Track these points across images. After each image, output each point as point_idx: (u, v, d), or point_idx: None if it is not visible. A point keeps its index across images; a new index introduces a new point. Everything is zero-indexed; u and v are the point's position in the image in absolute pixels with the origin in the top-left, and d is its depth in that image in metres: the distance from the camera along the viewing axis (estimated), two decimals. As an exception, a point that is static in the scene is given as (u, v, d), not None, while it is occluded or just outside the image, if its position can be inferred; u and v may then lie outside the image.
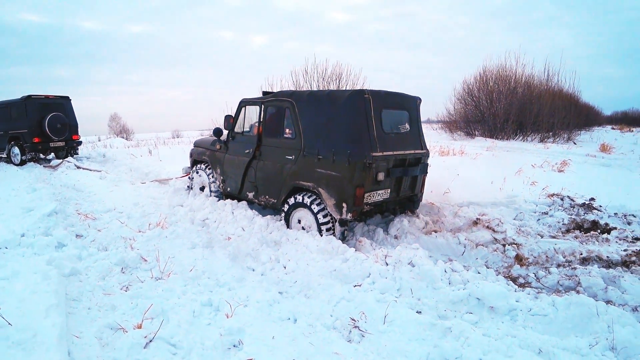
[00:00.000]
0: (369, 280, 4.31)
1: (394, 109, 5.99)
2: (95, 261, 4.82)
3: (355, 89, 5.61)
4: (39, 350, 2.79)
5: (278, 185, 6.16)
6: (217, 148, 7.53)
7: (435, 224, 6.30)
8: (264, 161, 6.41)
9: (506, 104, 24.15)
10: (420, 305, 3.95)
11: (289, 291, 4.32)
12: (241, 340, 3.34)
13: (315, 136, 5.70)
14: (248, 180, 6.75)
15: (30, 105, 12.74)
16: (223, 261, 4.92)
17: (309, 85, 11.72)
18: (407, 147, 5.97)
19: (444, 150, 14.30)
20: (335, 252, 4.94)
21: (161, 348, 3.20)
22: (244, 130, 7.01)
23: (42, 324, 3.07)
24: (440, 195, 7.68)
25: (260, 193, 6.57)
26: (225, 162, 7.28)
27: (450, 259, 5.15)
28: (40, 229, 5.47)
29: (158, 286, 4.24)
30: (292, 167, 5.91)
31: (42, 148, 13.16)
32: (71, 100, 13.97)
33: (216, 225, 6.18)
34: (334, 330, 3.58)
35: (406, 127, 6.13)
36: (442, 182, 8.14)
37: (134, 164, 12.81)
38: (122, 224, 6.15)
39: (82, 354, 3.11)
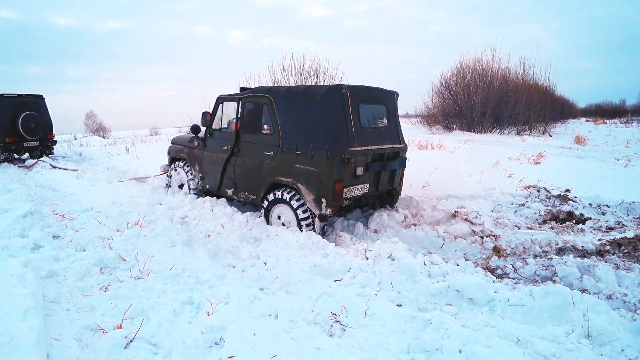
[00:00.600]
0: (349, 274, 4.33)
1: (371, 103, 6.05)
2: (73, 262, 4.74)
3: (332, 85, 5.67)
4: (16, 353, 2.76)
5: (257, 181, 6.17)
6: (195, 145, 7.50)
7: (415, 217, 6.36)
8: (243, 158, 6.42)
9: (483, 97, 24.40)
10: (401, 298, 3.99)
11: (269, 287, 4.32)
12: (222, 337, 3.33)
13: (294, 132, 5.72)
14: (227, 177, 6.76)
15: (2, 105, 12.44)
16: (203, 259, 4.90)
17: (287, 81, 11.68)
18: (385, 141, 6.02)
19: (423, 144, 14.39)
20: (316, 247, 4.95)
21: (142, 348, 3.19)
22: (222, 126, 7.02)
23: (19, 327, 3.03)
24: (419, 188, 7.76)
25: (239, 190, 6.58)
26: (203, 159, 7.27)
27: (429, 252, 5.20)
28: (15, 230, 5.37)
29: (138, 286, 4.20)
30: (271, 163, 5.92)
31: (16, 148, 12.93)
32: (45, 98, 13.71)
33: (195, 223, 6.15)
34: (316, 325, 3.59)
35: (384, 122, 6.21)
36: (420, 176, 8.21)
37: (111, 163, 12.67)
38: (100, 224, 6.08)
39: (61, 356, 3.08)
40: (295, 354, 3.17)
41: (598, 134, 23.72)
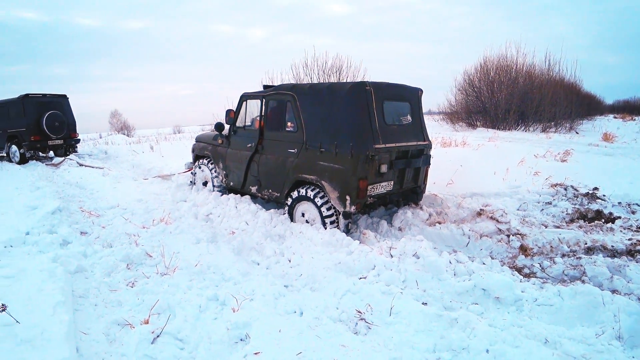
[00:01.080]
0: (374, 272, 4.32)
1: (395, 100, 5.98)
2: (100, 258, 4.83)
3: (356, 81, 5.60)
4: (47, 347, 2.80)
5: (281, 179, 6.17)
6: (219, 143, 7.55)
7: (439, 215, 6.29)
8: (266, 155, 6.43)
9: (507, 94, 24.01)
10: (426, 297, 3.96)
11: (294, 284, 4.32)
12: (248, 334, 3.35)
13: (317, 129, 5.70)
14: (251, 174, 6.78)
15: (27, 104, 12.82)
16: (228, 256, 4.92)
17: (310, 79, 11.67)
18: (409, 138, 5.96)
19: (446, 142, 14.23)
20: (340, 244, 4.94)
21: (168, 343, 3.21)
22: (246, 124, 7.04)
23: (49, 321, 3.09)
24: (444, 186, 7.68)
25: (263, 187, 6.59)
26: (227, 157, 7.31)
27: (454, 250, 5.15)
28: (44, 226, 5.48)
29: (164, 282, 4.25)
30: (295, 160, 5.92)
31: (41, 146, 13.27)
32: (68, 98, 14.04)
33: (220, 220, 6.19)
34: (340, 322, 3.58)
35: (408, 119, 6.13)
36: (445, 174, 8.13)
37: (136, 161, 12.84)
38: (126, 221, 6.16)
39: (90, 350, 3.12)
40: (320, 351, 3.17)
41: (627, 131, 23.16)
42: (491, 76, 25.45)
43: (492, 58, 25.62)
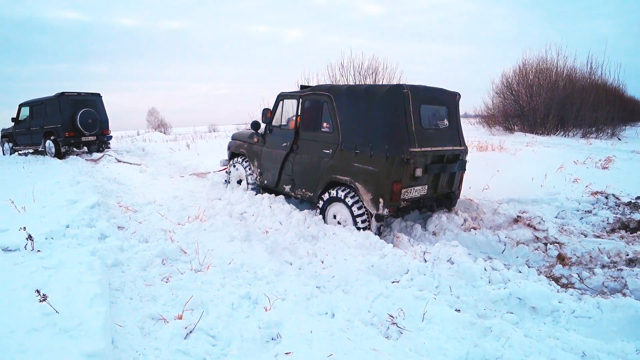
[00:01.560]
0: (407, 276, 4.28)
1: (432, 104, 5.91)
2: (136, 252, 4.92)
3: (394, 84, 5.63)
4: (84, 337, 2.86)
5: (315, 179, 6.22)
6: (254, 141, 7.63)
7: (475, 220, 6.20)
8: (301, 155, 6.48)
9: (547, 98, 23.46)
10: (459, 304, 3.90)
11: (326, 286, 4.31)
12: (279, 333, 3.36)
13: (353, 130, 5.70)
14: (285, 173, 6.85)
15: (63, 102, 13.41)
16: (261, 255, 4.95)
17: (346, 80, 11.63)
18: (445, 143, 5.88)
19: (482, 146, 14.01)
20: (373, 247, 4.92)
21: (201, 339, 3.24)
22: (282, 124, 7.07)
23: (87, 313, 3.15)
24: (479, 191, 7.55)
25: (297, 186, 6.65)
26: (262, 155, 7.39)
27: (489, 257, 5.07)
28: (84, 220, 5.59)
29: (197, 278, 4.30)
30: (329, 161, 5.94)
31: (75, 142, 13.83)
32: (102, 97, 14.58)
33: (254, 219, 6.24)
34: (372, 326, 3.55)
35: (445, 123, 6.05)
36: (481, 178, 8.01)
37: (172, 158, 13.07)
38: (162, 217, 6.27)
39: (124, 343, 3.18)
40: (351, 353, 3.15)
41: (673, 138, 22.40)
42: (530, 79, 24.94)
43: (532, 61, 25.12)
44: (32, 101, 14.64)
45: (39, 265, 3.98)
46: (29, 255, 4.27)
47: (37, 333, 2.88)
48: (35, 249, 4.38)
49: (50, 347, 2.73)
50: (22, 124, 15.18)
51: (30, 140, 14.86)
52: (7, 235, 4.73)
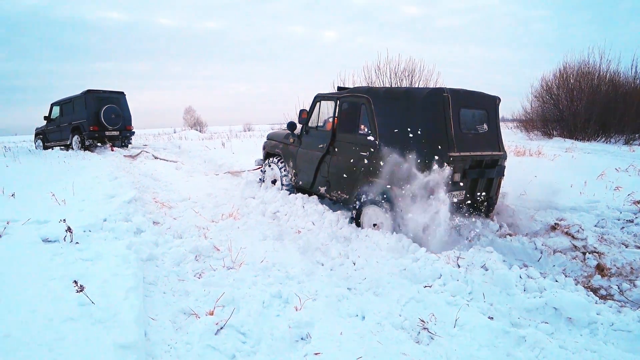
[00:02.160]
0: (439, 281, 4.20)
1: (472, 108, 5.83)
2: (170, 248, 4.99)
3: (434, 87, 5.49)
4: (118, 329, 2.90)
5: (351, 181, 6.14)
6: (290, 142, 7.63)
7: (510, 227, 6.08)
8: (338, 156, 6.41)
9: (588, 102, 22.70)
10: (493, 311, 3.80)
11: (357, 288, 4.28)
12: (309, 333, 3.35)
13: (391, 133, 5.59)
14: (321, 174, 6.79)
15: (89, 98, 14.24)
16: (293, 254, 4.96)
17: (381, 82, 11.54)
18: (484, 148, 5.76)
19: (520, 150, 13.72)
20: (406, 250, 4.86)
21: (231, 336, 3.26)
22: (318, 125, 7.05)
23: (121, 305, 3.21)
24: (516, 197, 7.38)
25: (332, 188, 6.58)
26: (298, 156, 7.37)
27: (525, 265, 4.95)
28: (120, 214, 5.68)
29: (229, 275, 4.33)
30: (365, 164, 5.85)
31: (99, 136, 14.56)
32: (125, 95, 15.40)
33: (287, 219, 6.26)
34: (403, 330, 3.51)
35: (484, 128, 5.94)
36: (517, 184, 7.83)
37: (207, 156, 13.23)
38: (197, 214, 6.34)
39: (157, 336, 3.22)
40: (381, 357, 3.12)
41: None
42: (571, 83, 24.20)
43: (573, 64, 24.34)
44: (62, 100, 15.57)
45: (77, 257, 4.07)
46: (68, 246, 4.36)
47: (74, 322, 2.94)
48: (73, 240, 4.48)
49: (85, 337, 2.78)
50: (53, 122, 16.19)
51: (59, 136, 15.78)
52: (47, 226, 4.85)
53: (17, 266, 3.78)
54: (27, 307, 3.08)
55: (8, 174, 8.49)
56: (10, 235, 4.59)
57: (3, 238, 4.51)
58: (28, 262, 3.88)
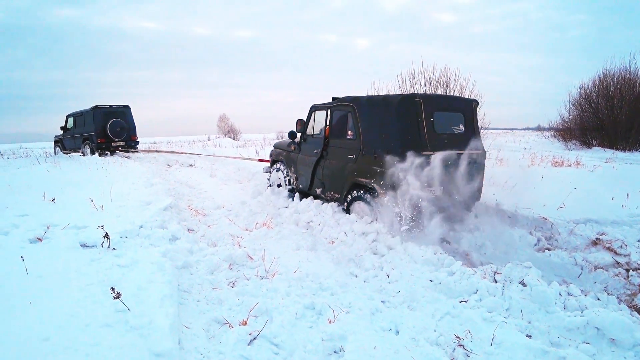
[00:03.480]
0: (475, 296, 4.10)
1: (447, 111, 6.38)
2: (204, 256, 5.03)
3: (407, 94, 5.98)
4: (153, 336, 2.92)
5: (341, 181, 6.75)
6: (291, 149, 8.39)
7: (548, 240, 5.92)
8: (330, 160, 7.09)
9: (630, 110, 21.93)
10: (531, 329, 3.68)
11: (391, 301, 4.21)
12: (342, 347, 3.31)
13: (372, 137, 6.18)
14: (316, 177, 7.46)
15: (96, 113, 15.78)
16: (326, 265, 4.94)
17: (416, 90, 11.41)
18: (461, 147, 6.16)
19: (558, 161, 13.41)
20: (441, 264, 4.77)
21: (264, 347, 3.25)
22: (314, 132, 7.70)
23: (157, 313, 3.23)
24: (554, 209, 7.19)
25: (326, 189, 7.23)
26: (297, 162, 8.10)
27: (564, 281, 4.79)
28: (156, 221, 5.76)
29: (263, 285, 4.33)
30: (353, 165, 6.45)
31: (106, 147, 16.07)
32: (131, 108, 16.92)
33: (320, 229, 6.24)
34: (438, 346, 3.43)
35: (460, 129, 6.41)
36: (555, 196, 7.63)
37: (241, 164, 13.35)
38: (231, 222, 6.39)
39: (190, 344, 3.23)
40: (416, 373, 3.06)
41: None
42: (611, 91, 23.48)
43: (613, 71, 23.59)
44: (75, 113, 17.25)
45: (113, 263, 4.13)
46: (105, 252, 4.44)
47: (110, 329, 2.97)
48: (111, 246, 4.56)
49: (120, 344, 2.81)
50: (68, 131, 17.91)
51: (74, 145, 17.43)
52: (86, 232, 4.95)
53: (56, 270, 3.86)
54: (66, 311, 3.13)
55: (49, 179, 8.71)
56: (51, 240, 4.70)
57: (44, 242, 4.62)
58: (67, 267, 3.96)
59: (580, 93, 25.24)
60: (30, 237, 4.72)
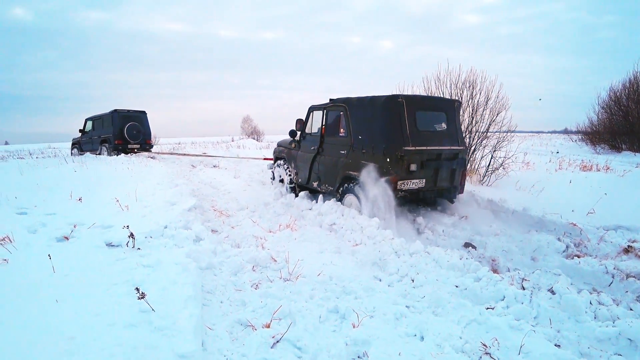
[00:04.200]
0: (502, 303, 4.01)
1: (429, 110, 7.06)
2: (228, 257, 5.03)
3: (391, 94, 6.66)
4: (177, 337, 2.92)
5: (334, 175, 7.49)
6: (292, 147, 9.17)
7: (578, 247, 5.79)
8: (325, 156, 7.85)
9: (662, 114, 21.38)
10: (560, 338, 3.58)
11: (416, 306, 4.13)
12: (366, 352, 3.26)
13: (361, 134, 6.90)
14: (314, 172, 8.22)
15: (115, 116, 16.66)
16: (350, 268, 4.89)
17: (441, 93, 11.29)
18: (442, 143, 6.84)
19: (586, 165, 13.12)
20: (467, 269, 4.69)
21: (287, 350, 3.22)
22: (312, 131, 8.46)
23: (181, 313, 3.23)
24: (583, 215, 7.03)
25: (322, 182, 7.96)
26: (297, 158, 8.91)
27: (594, 290, 4.67)
28: (180, 222, 5.78)
29: (286, 287, 4.31)
30: (344, 160, 7.21)
31: (122, 148, 16.89)
32: (147, 113, 17.83)
33: (344, 231, 6.19)
34: (463, 354, 3.36)
35: (442, 126, 7.09)
36: (584, 201, 7.47)
37: (265, 165, 13.40)
38: (254, 223, 6.39)
39: (213, 346, 3.22)
40: (441, 381, 3.00)
41: None
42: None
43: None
44: (94, 116, 18.46)
45: (138, 263, 4.15)
46: (130, 252, 4.47)
47: (134, 329, 2.98)
48: (135, 246, 4.59)
49: (145, 344, 2.81)
50: (86, 134, 18.89)
51: (91, 147, 18.26)
52: (111, 231, 5.00)
53: (82, 269, 3.90)
54: (91, 311, 3.15)
55: (76, 179, 8.84)
56: (77, 239, 4.75)
57: (70, 241, 4.67)
58: (92, 266, 4.00)
59: (610, 96, 24.60)
60: (57, 235, 4.78)
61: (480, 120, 11.14)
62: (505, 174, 10.54)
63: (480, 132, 11.17)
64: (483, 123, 11.14)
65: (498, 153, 10.89)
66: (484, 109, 11.10)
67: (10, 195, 6.41)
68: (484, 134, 11.17)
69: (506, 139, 11.00)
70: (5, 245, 4.20)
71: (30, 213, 5.68)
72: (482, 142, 11.20)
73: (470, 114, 11.21)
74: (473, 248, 5.66)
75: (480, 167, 11.18)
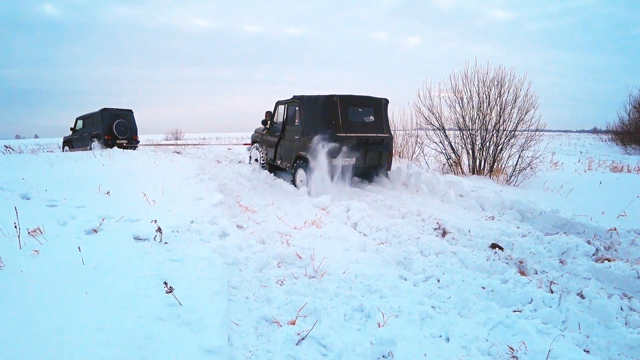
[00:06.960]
0: (530, 306, 3.95)
1: (359, 106, 9.10)
2: (254, 253, 5.06)
3: (329, 94, 8.66)
4: (204, 332, 2.94)
5: (290, 155, 9.78)
6: (264, 133, 11.58)
7: (608, 250, 5.65)
8: (285, 140, 10.20)
9: (696, 113, 20.78)
10: (589, 344, 3.51)
11: (441, 307, 4.10)
12: (392, 352, 3.24)
13: (308, 123, 9.11)
14: (278, 152, 10.57)
15: (105, 114, 18.07)
16: (376, 267, 4.86)
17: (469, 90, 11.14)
18: (370, 131, 9.03)
19: (617, 166, 12.84)
20: (494, 270, 4.63)
21: (312, 347, 3.22)
22: (277, 120, 10.77)
23: (207, 308, 3.25)
24: (614, 218, 6.87)
25: (283, 160, 10.30)
26: (266, 142, 11.33)
27: (625, 295, 4.56)
28: (207, 217, 5.82)
29: (311, 285, 4.31)
30: (297, 143, 9.43)
31: (111, 143, 17.88)
32: (133, 112, 19.27)
33: (369, 230, 6.17)
34: (490, 356, 3.31)
35: (370, 119, 9.21)
36: (615, 203, 7.31)
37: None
38: (279, 219, 6.40)
39: (239, 341, 3.25)
40: (467, 383, 2.97)
41: None
42: (676, 92, 22.21)
43: (680, 70, 22.32)
44: (85, 115, 19.59)
45: (165, 257, 4.19)
46: (157, 246, 4.51)
47: (162, 322, 3.01)
48: (163, 240, 4.64)
49: (172, 338, 2.84)
50: (77, 132, 20.13)
51: (82, 144, 19.37)
52: (139, 225, 5.06)
53: (110, 262, 3.94)
54: (119, 303, 3.19)
55: (104, 173, 8.96)
56: (105, 232, 4.81)
57: (99, 234, 4.74)
58: (121, 259, 4.03)
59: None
60: (86, 228, 4.85)
61: (509, 119, 10.99)
62: (532, 174, 10.38)
63: (508, 130, 11.02)
64: (511, 122, 10.99)
65: (526, 152, 10.73)
66: (512, 107, 10.95)
67: (41, 188, 6.52)
68: (512, 132, 11.02)
69: (534, 139, 10.83)
70: (37, 236, 4.27)
71: (59, 205, 5.77)
72: (509, 140, 11.05)
73: (498, 112, 11.07)
74: (500, 249, 5.57)
75: (508, 167, 11.04)
